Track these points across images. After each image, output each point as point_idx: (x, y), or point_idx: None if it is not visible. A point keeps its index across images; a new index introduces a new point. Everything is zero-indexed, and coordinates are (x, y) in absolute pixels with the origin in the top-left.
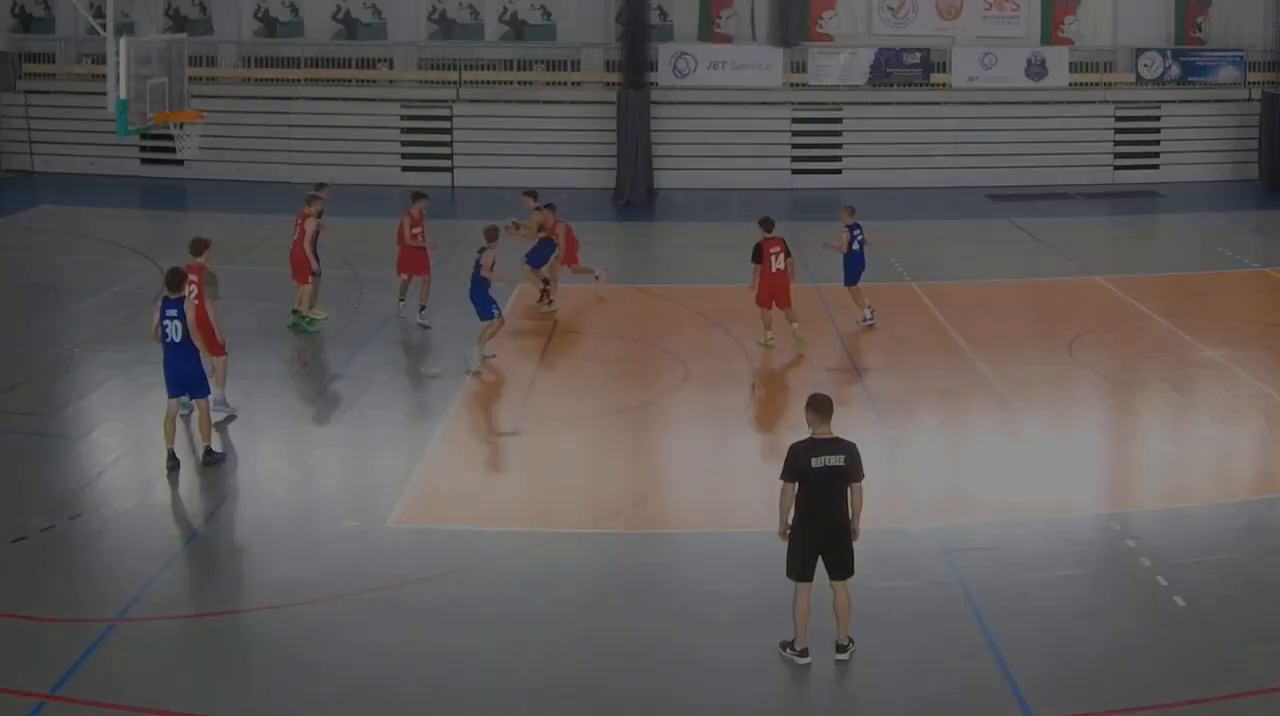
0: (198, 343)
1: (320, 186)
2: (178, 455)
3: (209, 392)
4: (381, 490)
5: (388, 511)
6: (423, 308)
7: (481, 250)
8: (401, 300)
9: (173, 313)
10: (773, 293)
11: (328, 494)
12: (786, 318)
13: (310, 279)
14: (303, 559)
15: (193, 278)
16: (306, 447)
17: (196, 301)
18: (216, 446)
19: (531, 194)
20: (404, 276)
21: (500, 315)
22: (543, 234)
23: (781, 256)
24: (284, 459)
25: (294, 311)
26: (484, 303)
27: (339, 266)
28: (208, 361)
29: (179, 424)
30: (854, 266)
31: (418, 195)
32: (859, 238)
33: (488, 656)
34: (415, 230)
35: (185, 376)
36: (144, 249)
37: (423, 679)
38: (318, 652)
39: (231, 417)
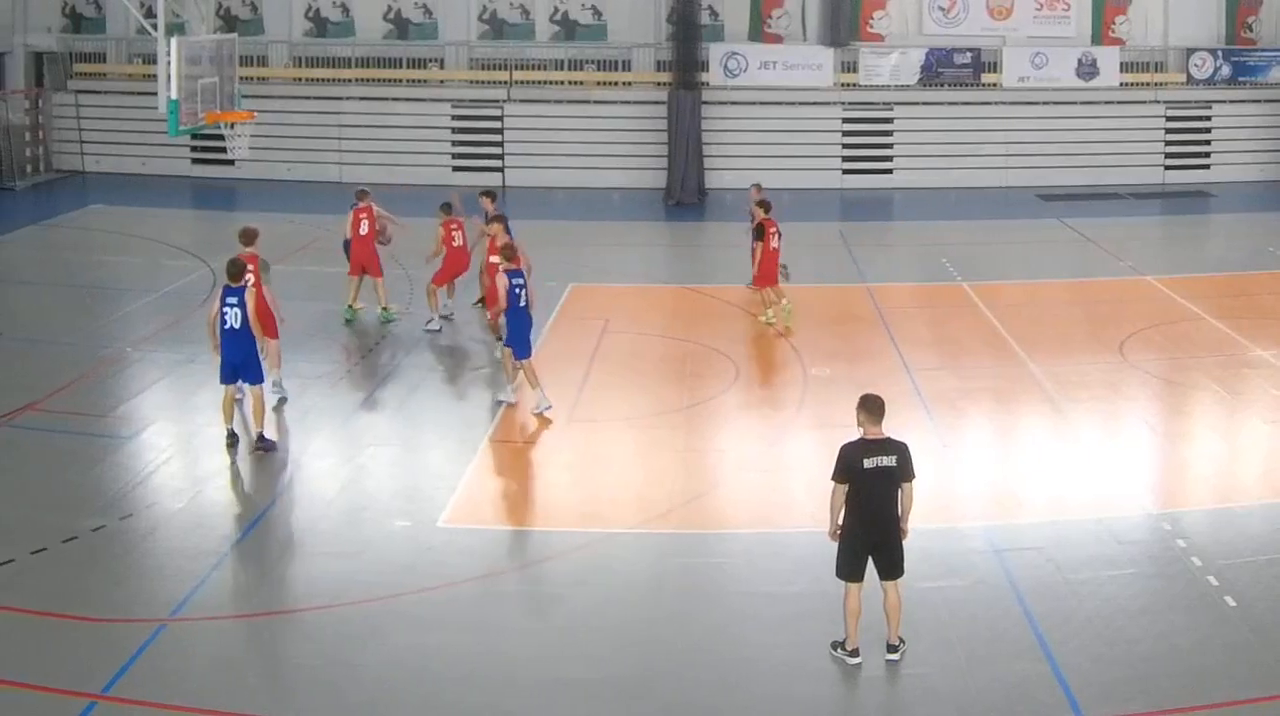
0: (255, 329)
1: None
2: (236, 432)
3: (262, 379)
4: (432, 490)
5: (438, 511)
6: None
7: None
8: (449, 298)
9: (233, 300)
10: (771, 271)
11: (378, 493)
12: (776, 295)
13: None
14: (353, 559)
15: (249, 267)
16: (357, 447)
17: (255, 288)
18: (270, 433)
19: (489, 194)
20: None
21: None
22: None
23: (779, 237)
24: (335, 458)
25: (382, 308)
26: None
27: (390, 266)
28: (262, 345)
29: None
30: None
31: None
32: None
33: (537, 657)
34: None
35: (240, 362)
36: (195, 249)
37: (472, 679)
38: (368, 653)
39: (284, 400)
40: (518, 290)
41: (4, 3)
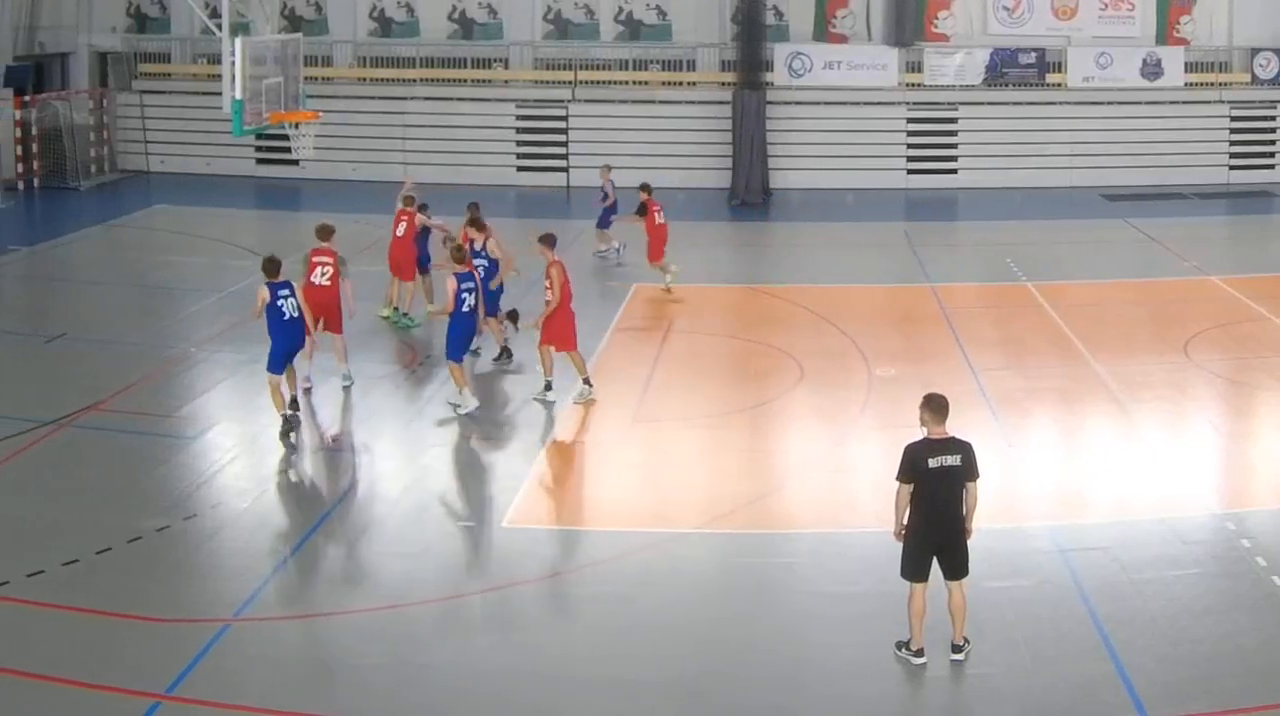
0: (308, 317)
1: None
2: (299, 401)
3: (342, 330)
4: (495, 490)
5: (502, 512)
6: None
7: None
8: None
9: (285, 292)
10: (661, 245)
11: (442, 494)
12: (666, 264)
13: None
14: (417, 559)
15: (328, 259)
16: (421, 448)
17: (330, 281)
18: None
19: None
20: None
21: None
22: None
23: (662, 213)
24: (399, 459)
25: (394, 308)
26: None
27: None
28: (321, 339)
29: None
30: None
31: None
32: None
33: (602, 657)
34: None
35: (295, 350)
36: (259, 249)
37: (536, 679)
38: (432, 653)
39: (350, 384)
40: (465, 294)
41: (68, 3)
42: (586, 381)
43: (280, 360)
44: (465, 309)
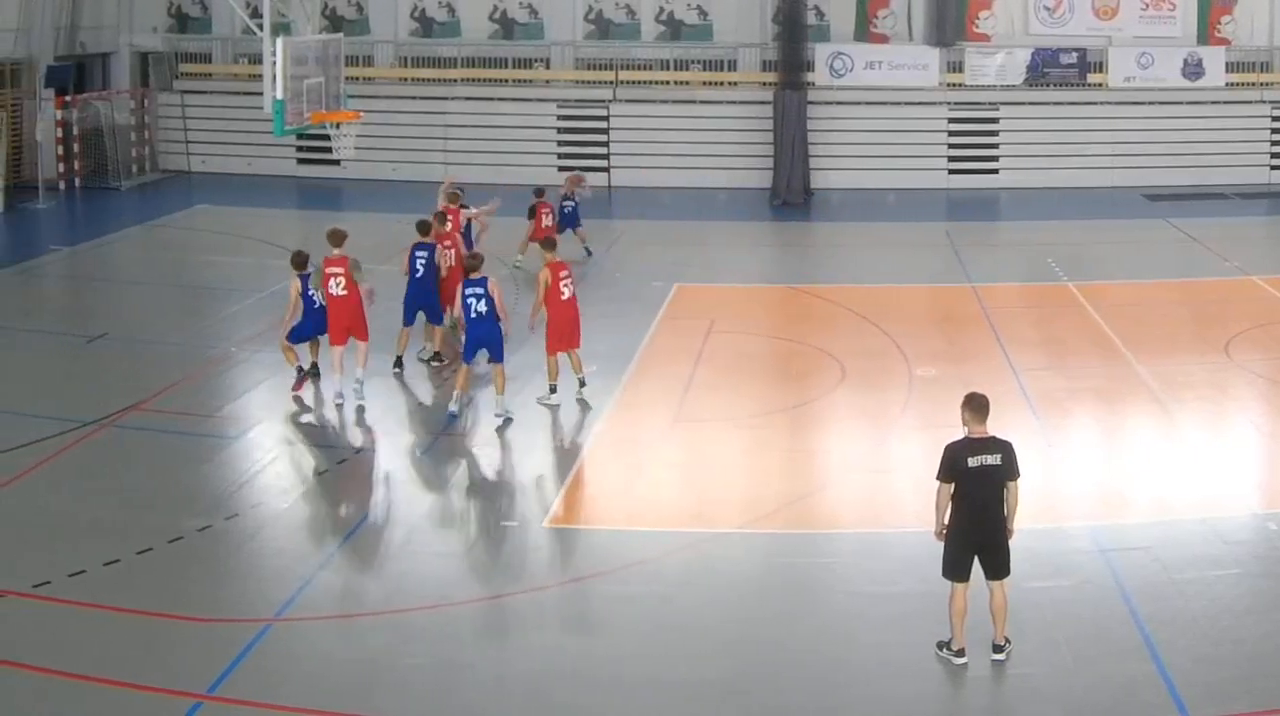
0: (337, 333)
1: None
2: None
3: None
4: (537, 490)
5: (544, 511)
6: None
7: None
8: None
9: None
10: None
11: (484, 494)
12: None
13: None
14: (459, 559)
15: (339, 269)
16: (463, 446)
17: (347, 289)
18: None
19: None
20: None
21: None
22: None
23: (551, 215)
24: (441, 458)
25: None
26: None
27: (497, 266)
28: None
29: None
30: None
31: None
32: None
33: (643, 656)
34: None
35: (318, 333)
36: (301, 248)
37: (578, 679)
38: (474, 653)
39: (359, 387)
40: (471, 300)
41: (110, 3)
42: (553, 388)
43: (300, 334)
44: (473, 315)
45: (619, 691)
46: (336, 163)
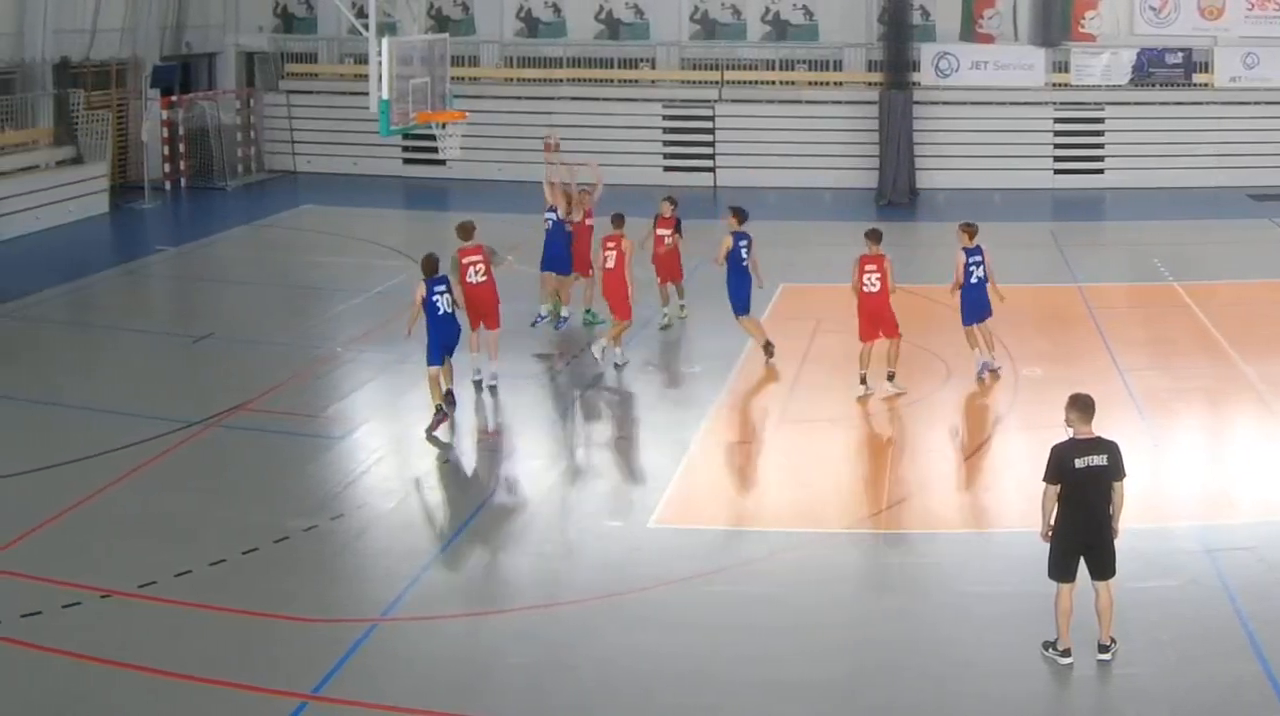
0: (468, 319)
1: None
2: (455, 394)
3: (500, 325)
4: (643, 490)
5: (649, 511)
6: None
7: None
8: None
9: (440, 288)
10: None
11: (590, 493)
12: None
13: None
14: (564, 559)
15: (477, 257)
16: (568, 447)
17: (485, 277)
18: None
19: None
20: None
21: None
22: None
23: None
24: (546, 458)
25: (589, 310)
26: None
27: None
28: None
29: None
30: (971, 300)
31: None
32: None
33: (749, 657)
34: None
35: (453, 343)
36: (406, 249)
37: (684, 680)
38: (580, 653)
39: (495, 384)
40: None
41: (215, 4)
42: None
43: (437, 353)
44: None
45: (726, 692)
46: (442, 163)
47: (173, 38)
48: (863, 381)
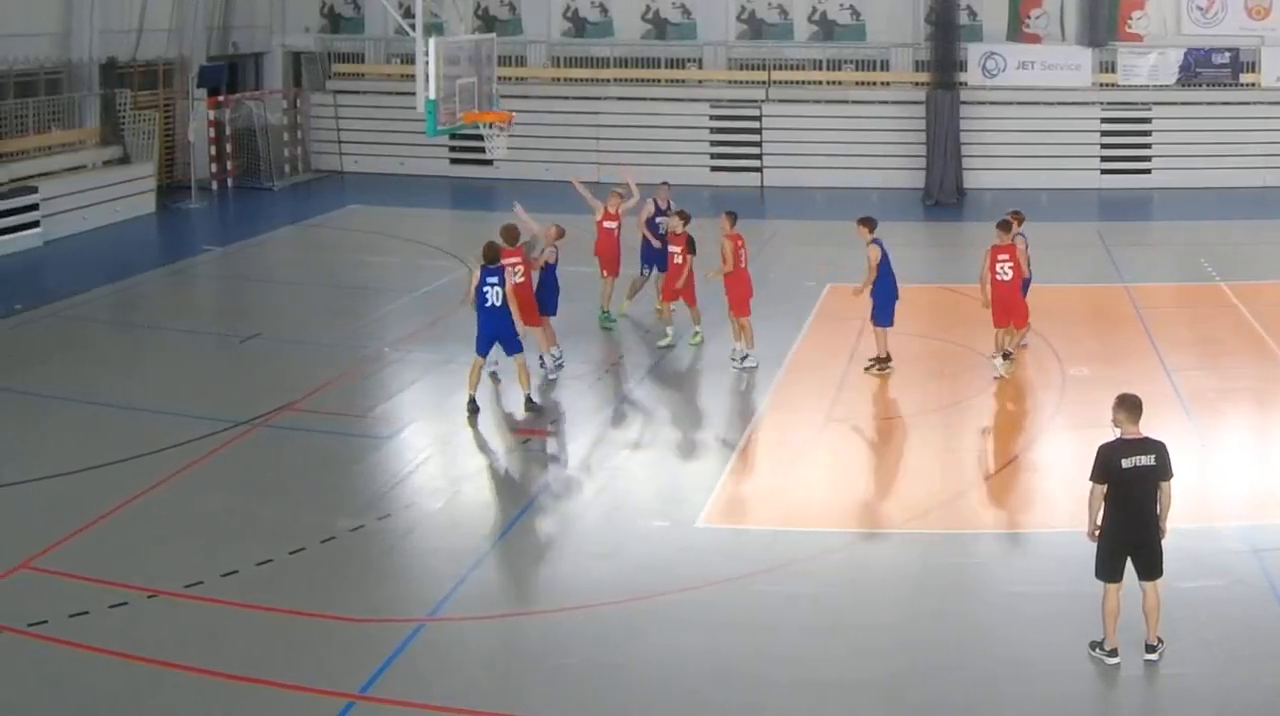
0: (513, 307)
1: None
2: (478, 402)
3: (521, 350)
4: (690, 490)
5: (696, 511)
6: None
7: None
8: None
9: (493, 279)
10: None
11: (636, 494)
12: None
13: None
14: (611, 559)
15: (515, 259)
16: (615, 447)
17: (524, 276)
18: (535, 397)
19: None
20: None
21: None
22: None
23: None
24: (592, 458)
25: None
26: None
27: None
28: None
29: (483, 377)
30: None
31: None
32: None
33: (796, 657)
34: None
35: (499, 336)
36: (453, 249)
37: (731, 679)
38: (626, 653)
39: (560, 366)
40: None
41: (262, 4)
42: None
43: (484, 343)
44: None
45: (773, 692)
46: (489, 163)
47: (219, 38)
48: (1006, 357)
